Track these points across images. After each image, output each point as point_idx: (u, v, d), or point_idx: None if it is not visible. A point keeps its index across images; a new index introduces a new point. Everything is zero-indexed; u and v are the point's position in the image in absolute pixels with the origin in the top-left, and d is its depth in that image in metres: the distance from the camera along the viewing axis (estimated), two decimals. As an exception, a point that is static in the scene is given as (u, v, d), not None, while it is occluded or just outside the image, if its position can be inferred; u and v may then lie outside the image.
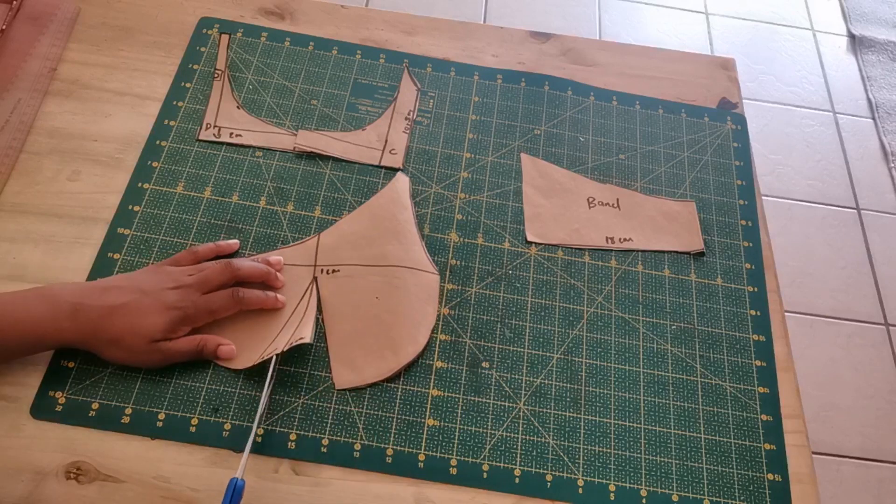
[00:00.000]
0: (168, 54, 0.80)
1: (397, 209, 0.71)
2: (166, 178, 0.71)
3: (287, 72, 0.80)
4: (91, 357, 0.60)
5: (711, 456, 0.63)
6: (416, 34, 0.86)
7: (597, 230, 0.74)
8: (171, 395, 0.60)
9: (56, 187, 0.70)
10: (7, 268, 0.65)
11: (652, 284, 0.72)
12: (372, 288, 0.67)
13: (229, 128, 0.75)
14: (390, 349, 0.64)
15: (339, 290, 0.67)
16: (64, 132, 0.73)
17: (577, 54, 0.88)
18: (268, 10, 0.85)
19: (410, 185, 0.74)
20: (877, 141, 1.87)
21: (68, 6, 0.81)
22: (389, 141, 0.77)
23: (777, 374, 0.68)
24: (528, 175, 0.77)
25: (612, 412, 0.64)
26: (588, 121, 0.82)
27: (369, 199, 0.73)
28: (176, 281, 0.62)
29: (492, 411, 0.63)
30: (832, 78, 1.98)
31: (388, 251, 0.68)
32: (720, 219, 0.77)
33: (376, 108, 0.79)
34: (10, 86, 0.74)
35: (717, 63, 0.90)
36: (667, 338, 0.69)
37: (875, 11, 2.13)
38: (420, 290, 0.67)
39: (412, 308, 0.66)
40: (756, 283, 0.73)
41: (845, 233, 1.71)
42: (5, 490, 0.55)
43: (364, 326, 0.65)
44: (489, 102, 0.82)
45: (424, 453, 0.61)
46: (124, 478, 0.57)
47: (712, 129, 0.83)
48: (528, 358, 0.66)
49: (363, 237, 0.70)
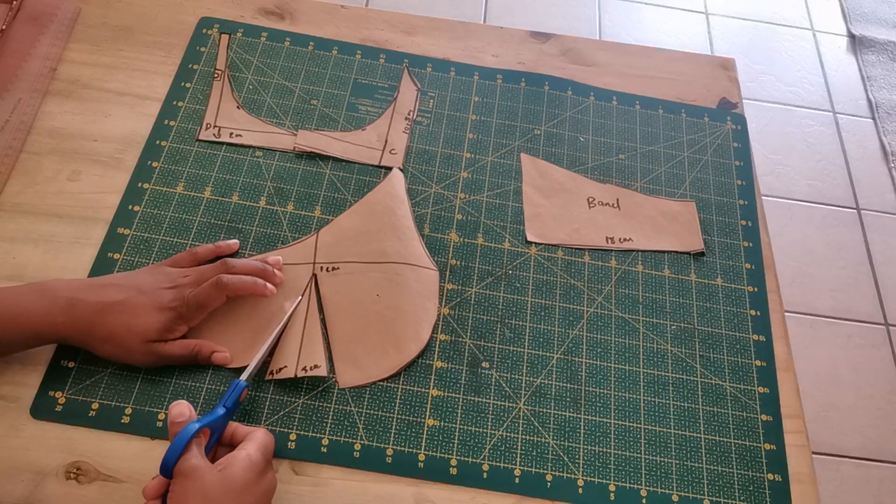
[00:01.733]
0: (168, 54, 0.80)
1: (395, 204, 0.72)
2: (166, 178, 0.71)
3: (287, 72, 0.80)
4: (91, 357, 0.60)
5: (711, 456, 0.63)
6: (416, 34, 0.86)
7: (597, 230, 0.74)
8: (171, 395, 0.60)
9: (56, 187, 0.70)
10: (7, 268, 0.65)
11: (652, 284, 0.72)
12: (372, 285, 0.67)
13: (229, 128, 0.75)
14: (393, 346, 0.64)
15: (340, 288, 0.67)
16: (64, 132, 0.73)
17: (577, 54, 0.88)
18: (268, 10, 0.85)
19: (406, 180, 0.74)
20: (877, 141, 1.87)
21: (68, 6, 0.81)
22: (389, 141, 0.77)
23: (777, 374, 0.68)
24: (528, 175, 0.77)
25: (612, 412, 0.64)
26: (588, 121, 0.82)
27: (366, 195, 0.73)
28: (172, 281, 0.62)
29: (492, 411, 0.63)
30: (832, 78, 1.98)
31: (388, 247, 0.69)
32: (720, 219, 0.77)
33: (376, 108, 0.79)
34: (10, 86, 0.74)
35: (717, 63, 0.90)
36: (667, 338, 0.69)
37: (875, 11, 2.13)
38: (421, 286, 0.68)
39: (414, 304, 0.66)
40: (756, 283, 0.73)
41: (845, 233, 1.71)
42: (5, 490, 0.55)
43: (366, 324, 0.65)
44: (489, 102, 0.82)
45: (424, 453, 0.61)
46: (124, 478, 0.57)
47: (712, 129, 0.83)
48: (528, 358, 0.66)
49: (362, 233, 0.70)
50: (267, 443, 0.55)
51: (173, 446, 0.51)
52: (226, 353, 0.62)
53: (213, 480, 0.50)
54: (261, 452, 0.53)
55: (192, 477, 0.50)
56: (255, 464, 0.52)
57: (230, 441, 0.56)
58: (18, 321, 0.56)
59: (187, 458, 0.50)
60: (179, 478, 0.50)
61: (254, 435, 0.55)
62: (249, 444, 0.53)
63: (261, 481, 0.52)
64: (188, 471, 0.50)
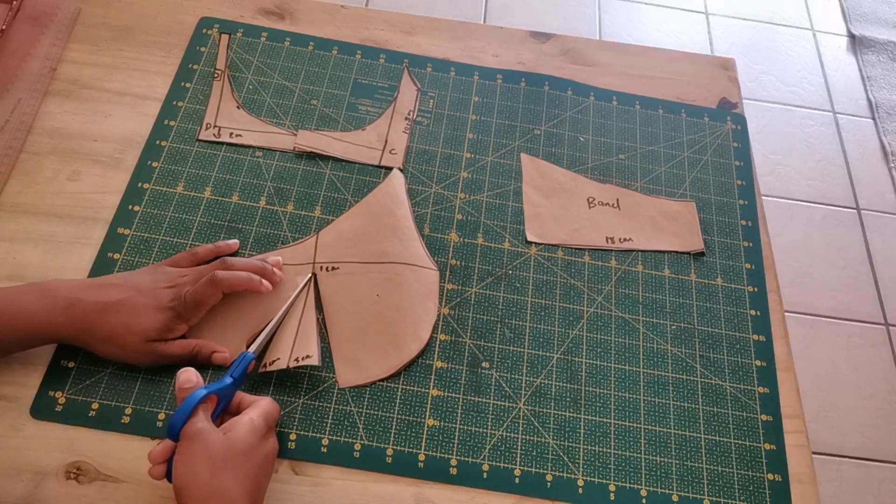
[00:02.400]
0: (168, 54, 0.80)
1: (395, 205, 0.72)
2: (166, 178, 0.72)
3: (287, 72, 0.80)
4: (91, 357, 0.60)
5: (711, 456, 0.63)
6: (416, 34, 0.86)
7: (597, 230, 0.74)
8: (170, 395, 0.60)
9: (56, 187, 0.70)
10: (7, 268, 0.65)
11: (652, 284, 0.72)
12: (372, 285, 0.67)
13: (229, 128, 0.75)
14: (393, 346, 0.64)
15: (340, 288, 0.67)
16: (64, 132, 0.73)
17: (577, 54, 0.88)
18: (268, 10, 0.85)
19: (406, 180, 0.74)
20: (877, 141, 1.87)
21: (68, 6, 0.81)
22: (389, 141, 0.77)
23: (777, 374, 0.68)
24: (528, 175, 0.77)
25: (612, 412, 0.64)
26: (588, 121, 0.82)
27: (366, 195, 0.73)
28: (171, 281, 0.62)
29: (492, 411, 0.63)
30: (832, 78, 1.98)
31: (388, 248, 0.68)
32: (720, 219, 0.77)
33: (376, 108, 0.79)
34: (10, 86, 0.74)
35: (717, 63, 0.90)
36: (667, 338, 0.69)
37: (875, 11, 2.13)
38: (421, 286, 0.68)
39: (413, 304, 0.66)
40: (756, 283, 0.73)
41: (845, 233, 1.70)
42: (5, 490, 0.55)
43: (366, 324, 0.65)
44: (489, 102, 0.82)
45: (424, 453, 0.61)
46: (124, 478, 0.57)
47: (712, 129, 0.83)
48: (528, 358, 0.66)
49: (362, 234, 0.70)
50: (270, 409, 0.56)
51: (181, 409, 0.52)
52: (226, 353, 0.62)
53: (217, 442, 0.52)
54: (262, 418, 0.55)
55: (198, 439, 0.51)
56: (257, 428, 0.54)
57: (237, 409, 0.57)
58: (18, 321, 0.56)
59: (193, 421, 0.52)
60: (185, 440, 0.52)
61: (258, 402, 0.57)
62: (252, 410, 0.55)
63: (262, 444, 0.54)
64: (194, 433, 0.51)
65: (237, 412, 0.57)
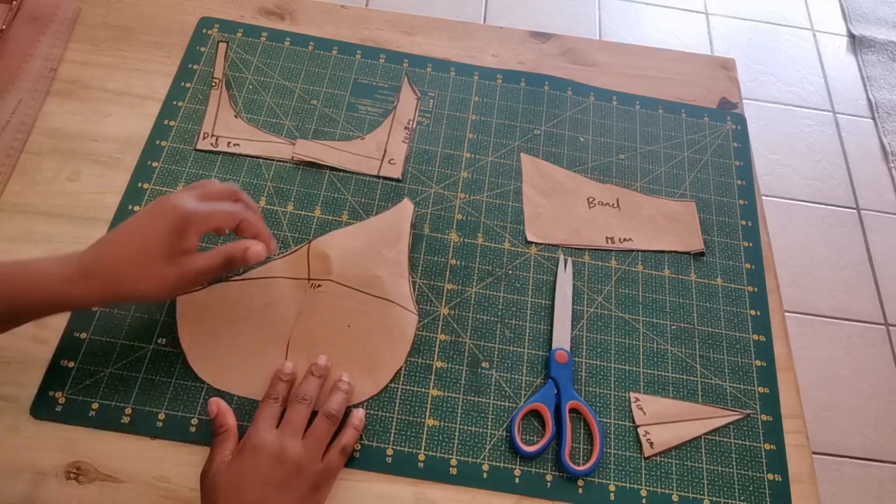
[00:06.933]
0: (168, 54, 0.80)
1: (395, 237, 0.70)
2: (166, 178, 0.72)
3: (287, 72, 0.80)
4: (91, 357, 0.60)
5: (711, 456, 0.63)
6: (416, 34, 0.86)
7: (597, 230, 0.74)
8: (171, 395, 0.60)
9: (56, 187, 0.70)
10: (7, 268, 0.65)
11: (652, 284, 0.72)
12: (347, 313, 0.65)
13: (227, 137, 0.75)
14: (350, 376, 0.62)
15: (318, 305, 0.65)
16: (64, 132, 0.73)
17: (577, 54, 0.88)
18: (268, 10, 0.85)
19: (414, 213, 0.72)
20: (877, 141, 1.87)
21: (68, 6, 0.81)
22: (388, 151, 0.77)
23: (777, 374, 0.68)
24: (528, 175, 0.77)
25: (612, 412, 0.64)
26: (588, 121, 0.82)
27: (370, 216, 0.71)
28: (176, 195, 0.58)
29: (492, 411, 0.63)
30: (832, 78, 1.98)
31: (374, 279, 0.66)
32: (720, 219, 0.77)
33: (376, 109, 0.79)
34: (10, 86, 0.74)
35: (717, 63, 0.90)
36: (667, 338, 0.69)
37: (875, 11, 2.13)
38: (395, 328, 0.65)
39: (382, 346, 0.64)
40: (756, 283, 0.73)
41: (845, 233, 1.71)
42: (5, 490, 0.55)
43: (325, 349, 0.63)
44: (489, 102, 0.82)
45: (424, 453, 0.61)
46: (124, 478, 0.57)
47: (712, 129, 0.83)
48: (528, 358, 0.66)
49: (352, 256, 0.67)
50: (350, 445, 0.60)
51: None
52: (259, 246, 0.58)
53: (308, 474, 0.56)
54: (344, 456, 0.59)
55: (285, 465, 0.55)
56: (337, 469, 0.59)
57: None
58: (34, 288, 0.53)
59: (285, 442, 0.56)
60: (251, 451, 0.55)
61: (350, 435, 0.60)
62: (347, 444, 0.59)
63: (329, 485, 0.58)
64: (277, 453, 0.55)
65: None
